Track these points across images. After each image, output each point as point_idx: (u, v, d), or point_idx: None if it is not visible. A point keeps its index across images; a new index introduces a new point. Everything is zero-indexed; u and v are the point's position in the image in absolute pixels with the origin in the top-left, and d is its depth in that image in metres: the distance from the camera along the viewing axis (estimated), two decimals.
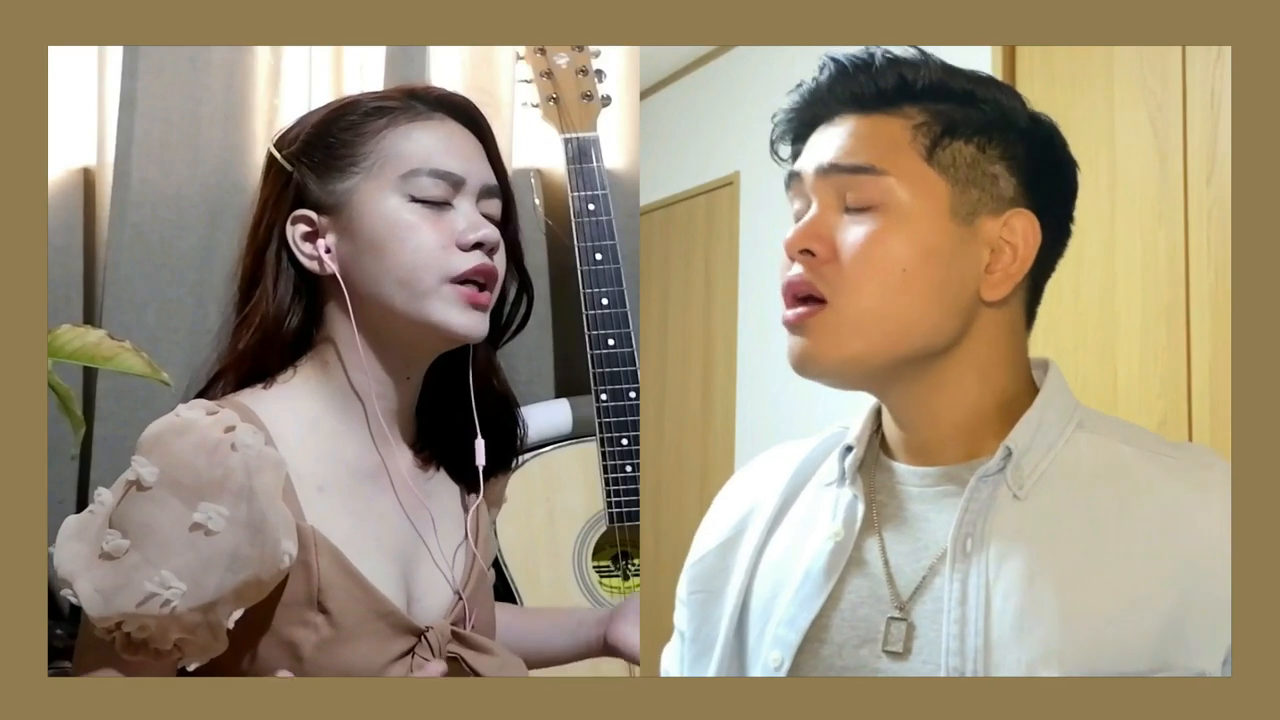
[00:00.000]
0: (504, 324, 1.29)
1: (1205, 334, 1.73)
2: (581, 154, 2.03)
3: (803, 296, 0.99)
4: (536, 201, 2.20)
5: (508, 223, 1.25)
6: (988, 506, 0.97)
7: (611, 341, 1.97)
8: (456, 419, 1.27)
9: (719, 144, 3.31)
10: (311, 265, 1.20)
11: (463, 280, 1.17)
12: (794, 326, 1.00)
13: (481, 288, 1.19)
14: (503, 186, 1.25)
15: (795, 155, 1.06)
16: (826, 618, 1.00)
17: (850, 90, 1.01)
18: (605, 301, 1.98)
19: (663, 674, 1.18)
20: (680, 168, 3.47)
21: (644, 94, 3.55)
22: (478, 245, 1.18)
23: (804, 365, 1.00)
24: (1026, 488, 0.97)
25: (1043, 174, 1.02)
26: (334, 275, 1.18)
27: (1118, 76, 1.90)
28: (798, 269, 1.00)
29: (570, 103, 2.05)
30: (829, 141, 1.01)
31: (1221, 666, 0.93)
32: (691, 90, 3.49)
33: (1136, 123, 1.86)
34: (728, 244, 3.22)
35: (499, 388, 1.31)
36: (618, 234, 2.00)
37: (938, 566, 0.97)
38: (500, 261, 1.22)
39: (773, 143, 1.08)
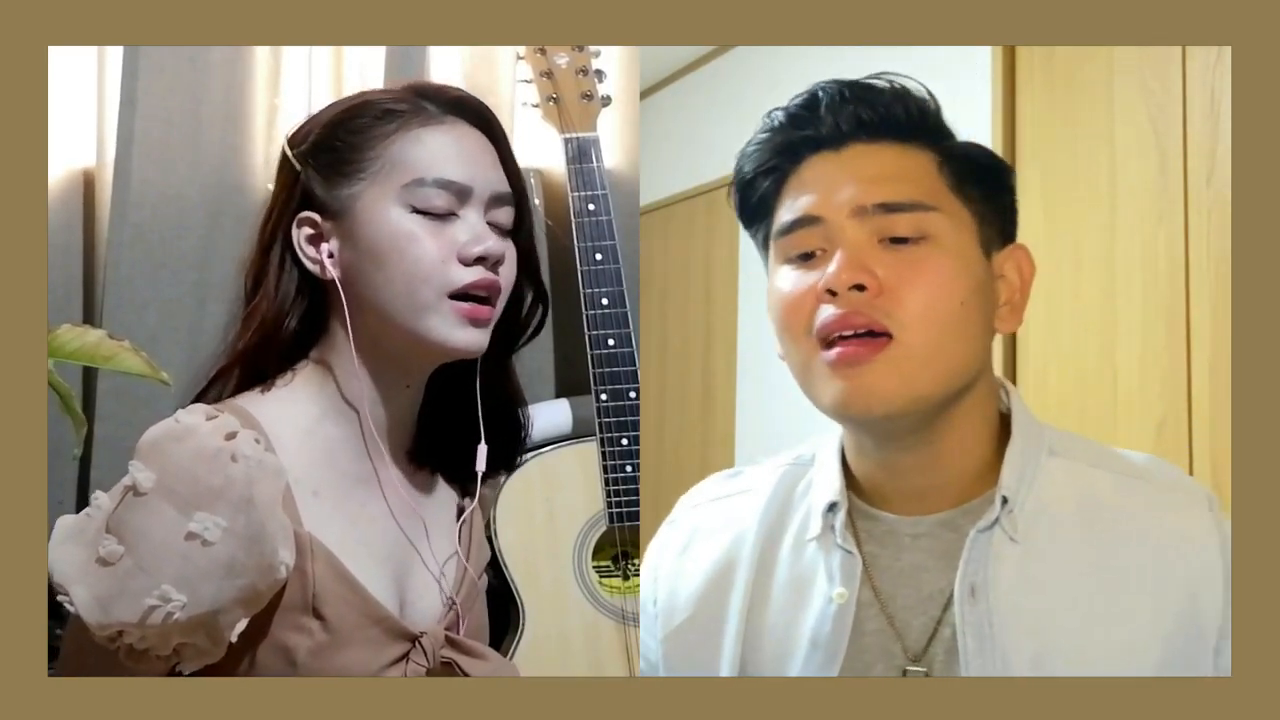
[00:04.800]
0: (517, 331, 1.26)
1: (1205, 334, 1.72)
2: (581, 154, 2.03)
3: (861, 332, 0.94)
4: (536, 202, 2.19)
5: (519, 231, 1.22)
6: (986, 553, 0.96)
7: (611, 341, 1.97)
8: (460, 424, 1.26)
9: (719, 144, 3.30)
10: (314, 269, 1.18)
11: (463, 295, 1.15)
12: (851, 361, 0.94)
13: (483, 301, 1.16)
14: (516, 193, 1.21)
15: (768, 194, 1.02)
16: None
17: (856, 116, 0.98)
18: (605, 301, 1.98)
19: None
20: (680, 168, 3.47)
21: (644, 94, 3.55)
22: (480, 259, 1.15)
23: (868, 403, 0.95)
24: (1021, 530, 0.97)
25: (1005, 208, 1.04)
26: (334, 281, 1.17)
27: (1118, 76, 1.90)
28: (831, 310, 0.95)
29: (570, 103, 2.05)
30: (853, 176, 0.97)
31: (1214, 669, 0.95)
32: (691, 90, 3.49)
33: (1136, 123, 1.86)
34: (728, 244, 3.22)
35: (511, 392, 1.28)
36: (618, 234, 2.00)
37: (945, 617, 0.97)
38: (507, 273, 1.19)
39: (738, 182, 1.03)
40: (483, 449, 1.25)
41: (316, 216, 1.18)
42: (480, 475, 1.26)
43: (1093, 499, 0.98)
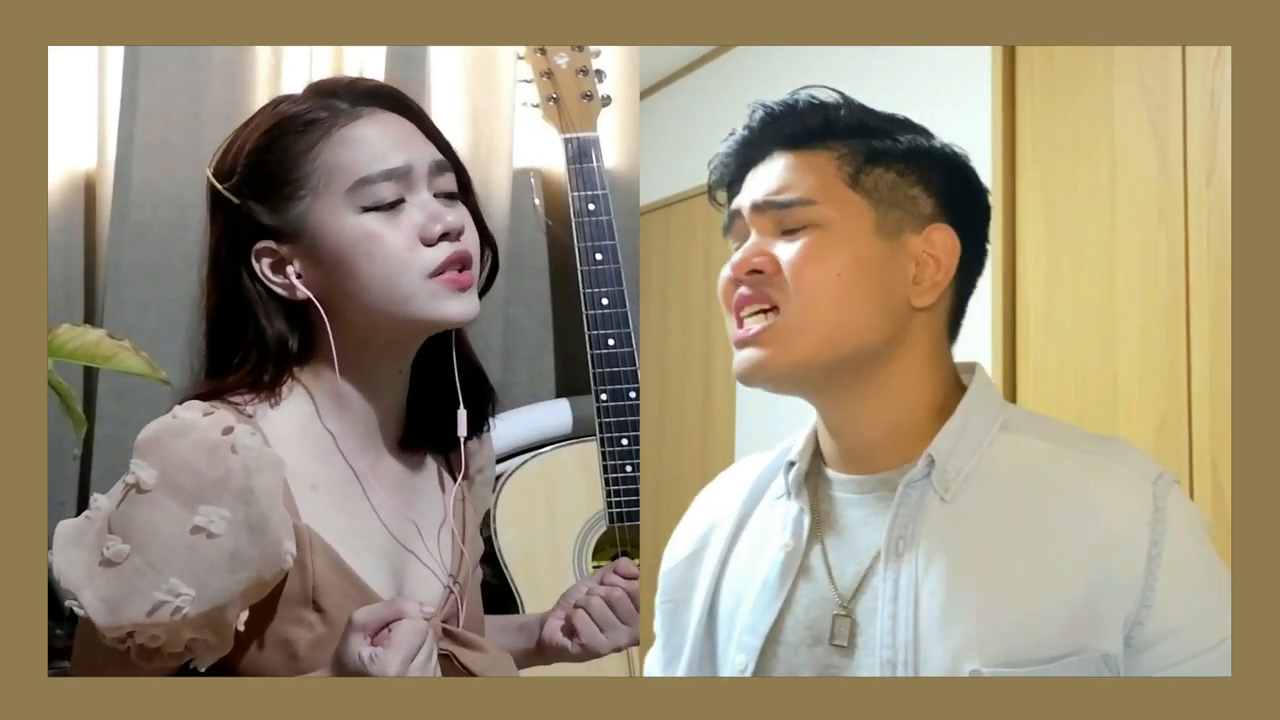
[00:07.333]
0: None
1: (1205, 334, 1.73)
2: (581, 154, 2.03)
3: (756, 311, 1.06)
4: (536, 201, 2.20)
5: (466, 193, 1.23)
6: (917, 510, 1.04)
7: (611, 341, 1.97)
8: (438, 396, 1.25)
9: (719, 144, 3.31)
10: (284, 294, 1.18)
11: (440, 271, 1.16)
12: (750, 340, 1.06)
13: (461, 269, 1.17)
14: (450, 158, 1.22)
15: (730, 198, 1.15)
16: (782, 621, 1.08)
17: (781, 131, 1.10)
18: (605, 301, 1.98)
19: (645, 675, 1.24)
20: (680, 168, 3.47)
21: (644, 94, 3.55)
22: (443, 236, 1.16)
23: (753, 373, 1.07)
24: (952, 490, 1.04)
25: (957, 197, 1.10)
26: (310, 300, 1.17)
27: (1118, 76, 1.90)
28: (744, 289, 1.07)
29: (570, 103, 2.05)
30: (763, 179, 1.10)
31: (1124, 647, 0.99)
32: (691, 90, 3.49)
33: (1136, 123, 1.86)
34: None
35: (469, 357, 1.28)
36: (618, 234, 2.00)
37: (875, 566, 1.05)
38: (471, 239, 1.19)
39: (710, 188, 1.17)
40: (462, 414, 1.25)
41: (272, 244, 1.18)
42: (463, 441, 1.26)
43: (1029, 467, 1.04)
